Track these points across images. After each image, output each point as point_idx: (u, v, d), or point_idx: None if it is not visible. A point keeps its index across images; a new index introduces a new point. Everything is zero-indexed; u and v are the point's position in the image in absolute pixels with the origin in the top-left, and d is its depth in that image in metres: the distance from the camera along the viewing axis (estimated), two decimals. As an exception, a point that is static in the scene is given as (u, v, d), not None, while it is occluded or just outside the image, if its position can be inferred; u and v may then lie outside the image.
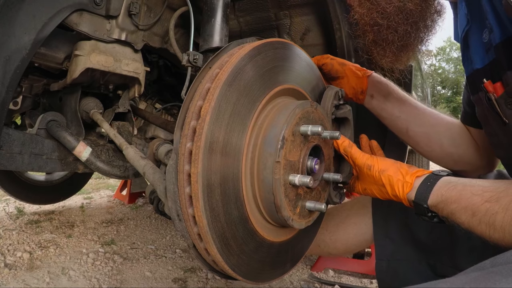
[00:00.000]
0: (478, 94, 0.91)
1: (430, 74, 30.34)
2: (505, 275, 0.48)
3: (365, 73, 1.18)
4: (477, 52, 0.88)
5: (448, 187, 0.79)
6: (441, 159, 1.21)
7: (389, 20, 0.89)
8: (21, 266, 1.80)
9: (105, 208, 3.11)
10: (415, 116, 1.17)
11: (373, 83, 1.18)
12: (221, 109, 0.69)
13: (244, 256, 0.76)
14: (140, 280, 1.76)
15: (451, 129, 1.17)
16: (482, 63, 0.86)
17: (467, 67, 0.94)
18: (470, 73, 0.93)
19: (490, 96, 0.81)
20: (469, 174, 1.24)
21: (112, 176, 1.14)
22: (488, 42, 0.81)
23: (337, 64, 1.17)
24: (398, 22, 0.89)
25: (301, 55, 0.93)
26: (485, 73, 0.85)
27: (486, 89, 0.81)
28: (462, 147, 1.16)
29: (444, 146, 1.17)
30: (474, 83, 0.92)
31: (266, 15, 1.40)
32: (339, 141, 0.93)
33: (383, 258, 1.16)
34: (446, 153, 1.17)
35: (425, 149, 1.20)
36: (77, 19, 0.98)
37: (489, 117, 0.88)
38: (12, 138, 0.95)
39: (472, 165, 1.17)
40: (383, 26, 0.90)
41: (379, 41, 0.93)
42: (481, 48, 0.86)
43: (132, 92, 1.27)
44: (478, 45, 0.87)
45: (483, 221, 0.71)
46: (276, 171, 0.73)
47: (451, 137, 1.16)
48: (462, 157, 1.17)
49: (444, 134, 1.16)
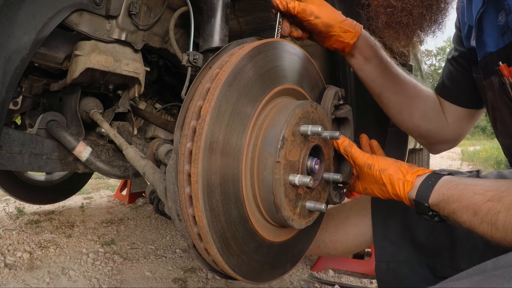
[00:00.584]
0: (490, 79, 0.89)
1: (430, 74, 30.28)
2: (507, 278, 0.48)
3: (352, 38, 1.07)
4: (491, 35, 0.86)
5: (449, 186, 0.78)
6: (407, 129, 1.23)
7: (403, 2, 0.86)
8: (21, 266, 1.80)
9: (105, 208, 3.11)
10: (393, 83, 1.16)
11: (358, 44, 1.09)
12: (221, 109, 0.69)
13: (244, 256, 0.76)
14: (140, 280, 1.76)
15: (425, 103, 1.18)
16: (496, 46, 0.85)
17: (480, 50, 0.92)
18: (482, 57, 0.91)
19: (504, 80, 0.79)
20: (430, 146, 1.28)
21: (112, 176, 1.14)
22: (505, 24, 0.79)
23: (321, 25, 1.02)
24: (413, 4, 0.86)
25: (301, 55, 0.93)
26: (499, 57, 0.83)
27: (501, 73, 0.79)
28: (432, 123, 1.17)
29: (414, 118, 1.18)
30: (487, 66, 0.90)
31: (266, 15, 1.40)
32: (339, 141, 0.93)
33: (383, 259, 1.16)
34: (414, 124, 1.19)
35: (395, 116, 1.21)
36: (77, 19, 0.98)
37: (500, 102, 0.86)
38: (12, 138, 0.95)
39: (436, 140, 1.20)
40: (397, 8, 0.87)
41: (393, 24, 0.90)
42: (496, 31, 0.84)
43: (132, 92, 1.27)
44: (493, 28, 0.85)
45: (484, 220, 0.71)
46: (276, 171, 0.73)
47: (423, 110, 1.17)
48: (429, 131, 1.19)
49: (417, 107, 1.17)
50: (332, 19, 1.03)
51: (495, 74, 0.84)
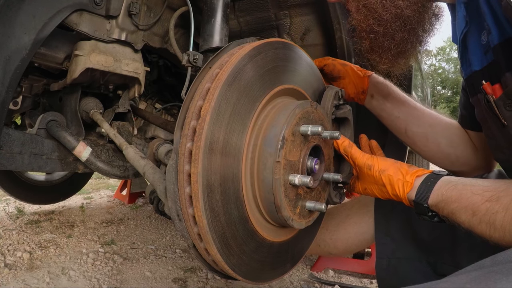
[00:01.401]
0: (477, 96, 0.91)
1: (430, 74, 30.34)
2: (505, 274, 0.48)
3: (366, 73, 1.20)
4: (476, 54, 0.88)
5: (448, 186, 0.79)
6: (438, 159, 1.21)
7: (385, 27, 0.89)
8: (21, 266, 1.80)
9: (105, 208, 3.11)
10: (414, 116, 1.18)
11: (373, 83, 1.19)
12: (221, 109, 0.69)
13: (244, 256, 0.76)
14: (140, 280, 1.76)
15: (449, 130, 1.18)
16: (481, 65, 0.86)
17: (466, 69, 0.94)
18: (468, 75, 0.93)
19: (489, 98, 0.81)
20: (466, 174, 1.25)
21: (112, 176, 1.14)
22: (487, 43, 0.81)
23: (338, 65, 1.19)
24: (395, 29, 0.89)
25: (301, 55, 0.93)
26: (483, 75, 0.85)
27: (485, 91, 0.81)
28: (460, 148, 1.17)
29: (442, 146, 1.18)
30: (473, 85, 0.92)
31: (266, 15, 1.40)
32: (339, 141, 0.93)
33: (384, 256, 1.16)
34: (444, 153, 1.18)
35: (423, 149, 1.21)
36: (77, 19, 0.98)
37: (488, 119, 0.88)
38: (12, 138, 0.95)
39: (469, 166, 1.18)
40: (379, 33, 0.90)
41: (375, 48, 0.93)
42: (479, 50, 0.86)
43: (132, 92, 1.27)
44: (477, 47, 0.87)
45: (483, 220, 0.71)
46: (276, 171, 0.73)
47: (449, 137, 1.17)
48: (459, 158, 1.17)
49: (442, 135, 1.17)
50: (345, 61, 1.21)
51: (480, 92, 0.86)
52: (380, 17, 0.88)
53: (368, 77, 1.20)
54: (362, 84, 1.20)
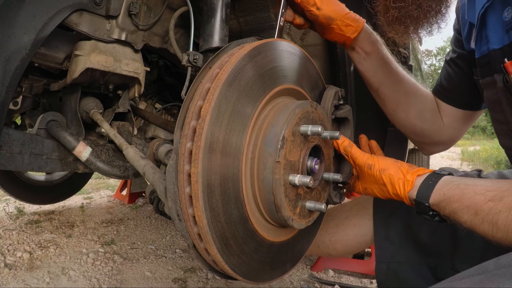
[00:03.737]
0: (493, 76, 0.88)
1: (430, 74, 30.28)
2: (508, 277, 0.48)
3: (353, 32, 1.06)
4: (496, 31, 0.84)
5: (450, 186, 0.78)
6: (402, 127, 1.22)
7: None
8: (21, 266, 1.80)
9: (105, 208, 3.11)
10: (391, 80, 1.15)
11: (359, 38, 1.09)
12: (221, 109, 0.69)
13: (244, 256, 0.76)
14: (140, 280, 1.76)
15: (422, 103, 1.17)
16: (501, 43, 0.83)
17: (481, 47, 0.90)
18: (484, 54, 0.89)
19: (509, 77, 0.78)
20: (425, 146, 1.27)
21: (112, 176, 1.14)
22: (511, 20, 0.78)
23: (322, 18, 1.01)
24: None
25: (301, 55, 0.93)
26: (504, 54, 0.81)
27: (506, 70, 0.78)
28: (428, 122, 1.17)
29: (410, 116, 1.18)
30: (489, 64, 0.88)
31: (266, 15, 1.40)
32: (339, 141, 0.93)
33: (383, 260, 1.15)
34: (410, 123, 1.19)
35: (390, 112, 1.21)
36: (77, 19, 0.98)
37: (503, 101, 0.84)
38: (12, 138, 0.95)
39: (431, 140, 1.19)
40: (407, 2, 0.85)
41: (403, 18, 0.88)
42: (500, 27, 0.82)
43: (132, 92, 1.27)
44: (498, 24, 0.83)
45: (485, 220, 0.71)
46: (276, 171, 0.73)
47: (420, 109, 1.17)
48: (424, 131, 1.18)
49: (414, 105, 1.17)
50: (334, 12, 1.02)
51: (498, 71, 0.83)
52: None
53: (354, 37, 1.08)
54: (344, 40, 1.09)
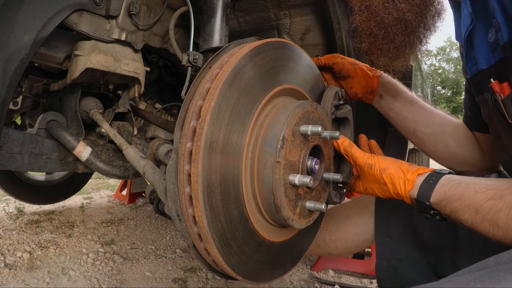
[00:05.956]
0: (483, 95, 0.90)
1: (430, 74, 30.33)
2: (509, 272, 0.48)
3: (376, 73, 1.18)
4: (482, 52, 0.86)
5: (451, 185, 0.78)
6: (446, 159, 1.22)
7: (386, 31, 0.88)
8: (21, 266, 1.80)
9: (105, 208, 3.11)
10: (423, 116, 1.18)
11: (382, 83, 1.18)
12: (221, 109, 0.69)
13: (244, 256, 0.76)
14: (140, 280, 1.76)
15: (456, 130, 1.18)
16: (487, 63, 0.85)
17: (471, 67, 0.93)
18: (474, 74, 0.92)
19: (496, 96, 0.80)
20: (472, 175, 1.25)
21: (112, 176, 1.14)
22: (495, 41, 0.80)
23: (348, 64, 1.17)
24: (396, 32, 0.88)
25: (301, 55, 0.93)
26: (490, 74, 0.84)
27: (493, 89, 0.80)
28: (467, 148, 1.17)
29: (450, 146, 1.18)
30: (479, 83, 0.91)
31: (266, 15, 1.40)
32: (339, 141, 0.93)
33: (384, 257, 1.16)
34: (452, 153, 1.19)
35: (432, 149, 1.21)
36: (77, 19, 0.98)
37: (495, 118, 0.87)
38: (12, 138, 0.95)
39: (475, 167, 1.18)
40: (379, 37, 0.90)
41: (374, 50, 0.93)
42: (486, 48, 0.85)
43: (132, 92, 1.27)
44: (483, 45, 0.86)
45: (486, 218, 0.71)
46: (276, 171, 0.73)
47: (456, 137, 1.17)
48: (467, 158, 1.17)
49: (450, 135, 1.18)
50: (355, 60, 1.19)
51: (487, 90, 0.85)
52: (381, 20, 0.87)
53: (378, 77, 1.18)
54: (371, 84, 1.18)
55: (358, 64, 1.18)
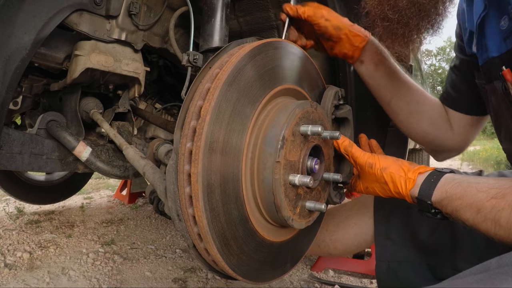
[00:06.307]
0: (493, 83, 0.89)
1: (430, 74, 30.30)
2: (511, 275, 0.48)
3: (362, 41, 1.09)
4: (493, 40, 0.85)
5: (452, 184, 0.78)
6: (415, 135, 1.23)
7: (400, 15, 0.86)
8: (21, 266, 1.80)
9: (105, 208, 3.11)
10: (402, 90, 1.17)
11: (367, 50, 1.12)
12: (221, 109, 0.69)
13: (244, 256, 0.76)
14: (140, 280, 1.76)
15: (433, 110, 1.19)
16: (499, 51, 0.84)
17: (482, 54, 0.92)
18: (485, 61, 0.91)
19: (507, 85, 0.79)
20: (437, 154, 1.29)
21: (112, 176, 1.14)
22: (508, 29, 0.79)
23: (331, 29, 1.05)
24: (410, 16, 0.86)
25: (301, 55, 0.93)
26: (502, 62, 0.83)
27: (504, 78, 0.79)
28: (440, 129, 1.18)
29: (423, 125, 1.19)
30: (489, 71, 0.89)
31: (266, 15, 1.40)
32: (339, 140, 0.93)
33: (383, 259, 1.15)
34: (423, 132, 1.20)
35: (403, 123, 1.21)
36: (77, 19, 0.98)
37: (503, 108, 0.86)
38: (12, 138, 0.95)
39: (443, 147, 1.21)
40: (393, 21, 0.87)
41: (389, 35, 0.91)
42: (498, 36, 0.84)
43: (132, 92, 1.27)
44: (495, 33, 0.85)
45: (488, 218, 0.71)
46: (276, 171, 0.73)
47: (431, 117, 1.18)
48: (436, 138, 1.19)
49: (426, 114, 1.18)
50: (341, 22, 1.06)
51: (497, 79, 0.84)
52: (395, 3, 0.85)
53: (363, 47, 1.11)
54: (353, 52, 1.12)
55: (343, 29, 1.06)
